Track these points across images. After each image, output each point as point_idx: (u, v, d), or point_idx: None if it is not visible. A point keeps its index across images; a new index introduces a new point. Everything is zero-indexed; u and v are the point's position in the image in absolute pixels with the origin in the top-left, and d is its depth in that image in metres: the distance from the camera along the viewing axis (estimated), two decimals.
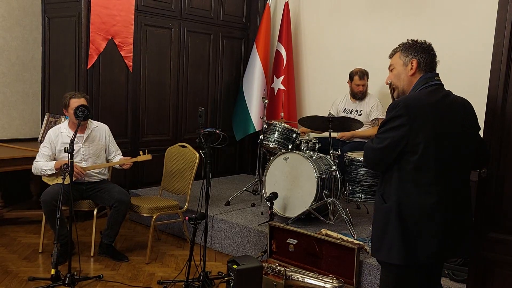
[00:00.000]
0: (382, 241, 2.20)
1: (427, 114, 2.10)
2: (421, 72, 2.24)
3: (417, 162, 2.10)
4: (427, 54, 2.25)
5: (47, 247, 3.99)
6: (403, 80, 2.28)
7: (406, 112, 2.08)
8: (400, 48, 2.32)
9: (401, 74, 2.28)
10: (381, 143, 2.16)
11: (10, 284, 3.36)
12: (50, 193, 3.66)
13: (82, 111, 3.56)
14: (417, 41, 2.30)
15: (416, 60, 2.24)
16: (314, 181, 3.92)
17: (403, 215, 2.13)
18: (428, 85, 2.20)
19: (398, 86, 2.30)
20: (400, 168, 2.14)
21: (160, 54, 5.28)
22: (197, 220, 3.24)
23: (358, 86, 4.78)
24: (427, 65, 2.24)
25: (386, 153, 2.15)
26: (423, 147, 2.08)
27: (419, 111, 2.09)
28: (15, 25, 4.97)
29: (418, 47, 2.26)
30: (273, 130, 4.42)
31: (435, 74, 2.25)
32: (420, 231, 2.12)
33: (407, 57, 2.26)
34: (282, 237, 3.66)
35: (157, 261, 3.93)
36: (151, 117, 5.30)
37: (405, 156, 2.12)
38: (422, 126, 2.09)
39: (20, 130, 5.12)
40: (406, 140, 2.09)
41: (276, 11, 6.09)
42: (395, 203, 2.14)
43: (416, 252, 2.13)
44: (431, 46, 2.29)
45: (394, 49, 2.35)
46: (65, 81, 4.84)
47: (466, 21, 4.63)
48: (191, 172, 4.10)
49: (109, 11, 4.68)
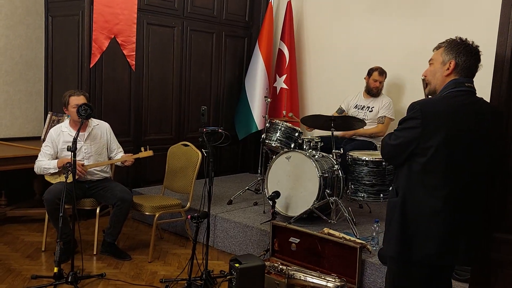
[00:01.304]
0: (387, 233, 2.27)
1: (442, 121, 2.09)
2: (456, 75, 2.18)
3: (425, 165, 2.11)
4: (469, 57, 2.17)
5: (50, 246, 4.00)
6: (437, 78, 2.24)
7: (420, 115, 2.09)
8: (445, 44, 2.25)
9: (437, 72, 2.23)
10: (395, 140, 2.21)
11: (13, 282, 3.37)
12: (53, 191, 3.66)
13: (84, 110, 3.57)
14: (465, 41, 2.21)
15: (455, 62, 2.17)
16: (317, 180, 3.91)
17: (405, 211, 2.17)
18: (455, 90, 2.16)
19: (431, 83, 2.26)
20: (410, 167, 2.17)
21: (162, 53, 5.28)
22: (200, 219, 3.25)
23: (375, 81, 4.80)
24: (465, 69, 2.17)
25: (398, 150, 2.20)
26: (432, 152, 2.09)
27: (433, 117, 2.09)
28: (18, 23, 4.98)
29: (462, 49, 2.18)
30: (276, 129, 4.41)
31: (468, 80, 2.18)
32: (418, 230, 2.15)
33: (447, 56, 2.20)
34: (284, 236, 3.65)
35: (159, 259, 3.94)
36: (154, 116, 5.31)
37: (415, 157, 2.14)
38: (435, 132, 2.08)
39: (23, 128, 5.13)
40: (417, 142, 2.11)
41: (279, 10, 6.09)
42: (401, 199, 2.18)
43: (410, 250, 2.17)
44: (476, 49, 2.20)
45: (440, 43, 2.28)
46: (68, 80, 4.85)
47: (469, 20, 4.62)
48: (194, 171, 4.10)
49: (112, 10, 4.68)
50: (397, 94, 5.17)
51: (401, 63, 5.09)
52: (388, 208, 2.29)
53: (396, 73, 5.13)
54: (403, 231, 2.17)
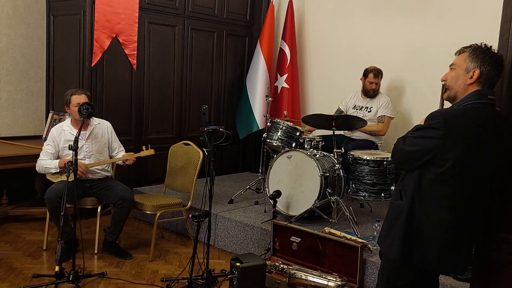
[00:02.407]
0: (388, 234, 2.24)
1: (463, 135, 2.03)
2: (479, 84, 2.10)
3: (439, 175, 2.07)
4: (493, 67, 2.10)
5: (51, 244, 4.01)
6: (459, 85, 2.15)
7: (443, 126, 2.02)
8: (469, 50, 2.16)
9: (460, 78, 2.15)
10: (411, 147, 2.13)
11: (15, 280, 3.38)
12: (54, 190, 3.67)
13: (86, 109, 3.57)
14: (490, 49, 2.13)
15: (479, 71, 2.09)
16: (318, 180, 3.92)
17: (412, 218, 2.13)
18: (479, 101, 2.09)
19: (453, 89, 2.18)
20: (422, 174, 2.12)
21: (164, 52, 5.28)
22: (201, 218, 3.25)
23: (371, 83, 4.79)
24: (489, 79, 2.10)
25: (413, 158, 2.13)
26: (450, 165, 2.04)
27: (456, 130, 2.03)
28: (20, 23, 4.98)
29: (488, 58, 2.10)
30: (277, 128, 4.41)
31: (491, 92, 2.12)
32: (423, 238, 2.13)
33: (471, 64, 2.11)
34: (285, 235, 3.66)
35: (160, 258, 3.94)
36: (155, 115, 5.31)
37: (430, 166, 2.09)
38: (455, 145, 2.03)
39: (24, 127, 5.13)
40: (435, 153, 2.05)
41: (280, 9, 6.09)
42: (408, 204, 2.14)
43: (412, 255, 2.15)
44: (501, 59, 2.14)
45: (463, 47, 2.19)
46: (69, 79, 4.85)
47: (470, 20, 4.61)
48: (195, 170, 4.11)
49: (114, 9, 4.68)
50: (398, 94, 5.16)
51: (402, 63, 5.09)
52: (391, 210, 2.25)
53: (397, 73, 5.12)
54: (407, 236, 2.14)
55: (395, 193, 2.27)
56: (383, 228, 2.32)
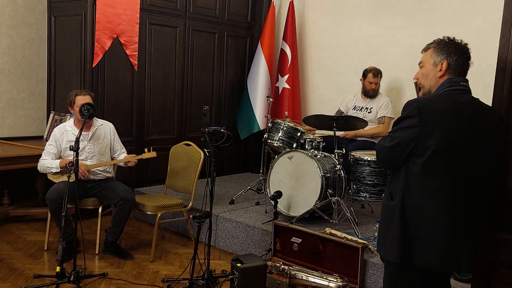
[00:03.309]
0: (385, 238, 2.20)
1: (440, 119, 2.02)
2: (449, 75, 2.13)
3: (424, 165, 2.04)
4: (460, 56, 2.13)
5: (52, 245, 4.01)
6: (430, 80, 2.18)
7: (418, 113, 2.02)
8: (434, 45, 2.20)
9: (430, 74, 2.18)
10: (392, 141, 2.12)
11: (16, 281, 3.38)
12: (56, 191, 3.67)
13: (87, 109, 3.58)
14: (453, 40, 2.17)
15: (447, 62, 2.12)
16: (319, 180, 3.92)
17: (405, 215, 2.10)
18: (451, 88, 2.11)
19: (425, 86, 2.20)
20: (408, 169, 2.10)
21: (165, 53, 5.29)
22: (202, 219, 3.25)
23: (371, 83, 4.80)
24: (458, 68, 2.13)
25: (396, 152, 2.11)
26: (431, 152, 2.02)
27: (431, 115, 2.02)
28: (21, 24, 4.99)
29: (452, 48, 2.13)
30: (278, 129, 4.42)
31: (463, 79, 2.14)
32: (420, 235, 2.09)
33: (438, 57, 2.15)
34: (286, 236, 3.66)
35: (161, 259, 3.95)
36: (156, 115, 5.32)
37: (413, 157, 2.07)
38: (434, 131, 2.01)
39: (26, 128, 5.14)
40: (416, 141, 2.03)
41: (281, 9, 6.09)
42: (399, 203, 2.11)
43: (412, 255, 2.10)
44: (466, 48, 2.16)
45: (428, 44, 2.23)
46: (71, 80, 4.86)
47: (471, 20, 4.62)
48: (196, 171, 4.11)
49: (115, 10, 4.69)
50: (398, 95, 5.16)
51: (403, 63, 5.08)
52: (384, 212, 2.21)
53: (398, 74, 5.13)
54: (404, 237, 2.10)
55: (385, 195, 2.23)
56: (379, 234, 2.28)
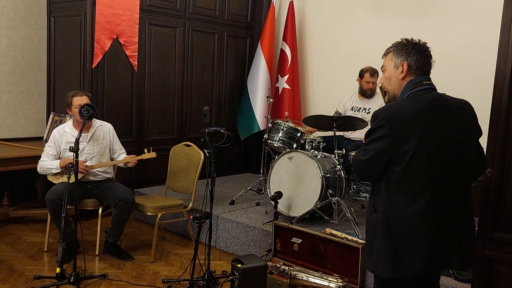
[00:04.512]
0: (370, 251, 2.13)
1: (411, 123, 1.99)
2: (412, 75, 2.10)
3: (402, 172, 2.00)
4: (419, 56, 2.10)
5: (52, 246, 4.01)
6: (393, 83, 2.15)
7: (387, 122, 1.98)
8: (392, 48, 2.18)
9: (392, 77, 2.15)
10: (366, 154, 2.07)
11: (16, 282, 3.38)
12: (55, 192, 3.67)
13: (87, 110, 3.57)
14: (411, 40, 2.16)
15: (407, 63, 2.10)
16: (319, 180, 3.91)
17: (390, 227, 2.04)
18: (415, 90, 2.07)
19: (389, 90, 2.18)
20: (387, 178, 2.05)
21: (164, 53, 5.28)
22: (202, 219, 3.25)
23: (368, 83, 4.79)
24: (419, 68, 2.10)
25: (372, 164, 2.06)
26: (409, 157, 1.98)
27: (401, 121, 1.99)
28: (20, 24, 4.99)
29: (410, 48, 2.11)
30: (278, 129, 4.41)
31: (425, 78, 2.10)
32: (408, 245, 2.02)
33: (398, 59, 2.13)
34: (286, 236, 3.66)
35: (161, 260, 3.94)
36: (156, 116, 5.31)
37: (391, 166, 2.02)
38: (407, 136, 1.98)
39: (25, 129, 5.14)
40: (390, 151, 1.99)
41: (281, 10, 6.09)
42: (382, 214, 2.06)
43: (403, 267, 2.03)
44: (425, 47, 2.14)
45: (387, 49, 2.22)
46: (70, 80, 4.86)
47: (471, 20, 4.61)
48: (196, 171, 4.11)
49: (114, 11, 4.69)
50: None
51: None
52: (369, 226, 2.15)
53: None
54: (391, 249, 2.03)
55: (369, 207, 2.18)
56: (365, 248, 2.21)
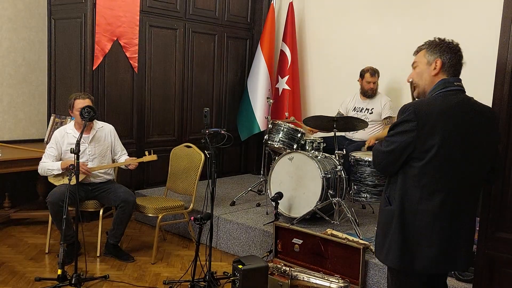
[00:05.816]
0: (383, 243, 2.19)
1: (437, 122, 2.03)
2: (444, 73, 2.15)
3: (422, 168, 2.05)
4: (453, 55, 2.15)
5: (54, 248, 4.01)
6: (425, 79, 2.19)
7: (415, 117, 2.03)
8: (426, 46, 2.23)
9: (424, 73, 2.19)
10: (389, 146, 2.11)
11: (17, 284, 3.38)
12: (56, 193, 3.68)
13: (88, 112, 3.58)
14: (445, 40, 2.21)
15: (441, 60, 2.15)
16: (319, 181, 3.92)
17: (405, 220, 2.10)
18: (446, 90, 2.12)
19: (420, 85, 2.22)
20: (405, 172, 2.10)
21: (165, 55, 5.29)
22: (203, 220, 3.25)
23: (369, 83, 4.79)
24: (452, 66, 2.15)
25: (393, 156, 2.10)
26: (431, 155, 2.03)
27: (429, 118, 2.03)
28: (21, 27, 5.00)
29: (445, 47, 2.17)
30: (278, 130, 4.42)
31: (456, 79, 2.15)
32: (420, 239, 2.09)
33: (431, 56, 2.17)
34: (287, 237, 3.66)
35: (162, 261, 3.94)
36: (156, 117, 5.32)
37: (411, 161, 2.07)
38: (432, 134, 2.02)
39: (26, 131, 5.15)
40: (413, 146, 2.04)
41: (281, 11, 6.10)
42: (398, 207, 2.11)
43: (412, 260, 2.10)
44: (458, 47, 2.18)
45: (419, 46, 2.26)
46: (71, 82, 4.86)
47: (471, 20, 4.62)
48: (196, 172, 4.11)
49: (114, 12, 4.70)
50: (398, 95, 5.15)
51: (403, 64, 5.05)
52: (382, 217, 2.21)
53: (398, 74, 5.12)
54: (403, 241, 2.10)
55: (382, 200, 2.23)
56: (377, 239, 2.26)
